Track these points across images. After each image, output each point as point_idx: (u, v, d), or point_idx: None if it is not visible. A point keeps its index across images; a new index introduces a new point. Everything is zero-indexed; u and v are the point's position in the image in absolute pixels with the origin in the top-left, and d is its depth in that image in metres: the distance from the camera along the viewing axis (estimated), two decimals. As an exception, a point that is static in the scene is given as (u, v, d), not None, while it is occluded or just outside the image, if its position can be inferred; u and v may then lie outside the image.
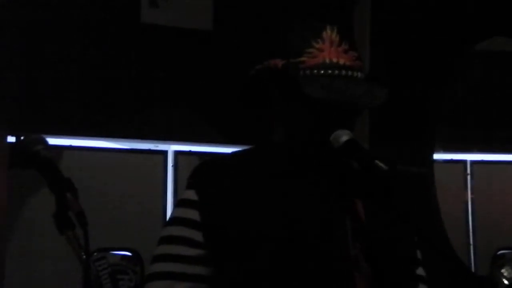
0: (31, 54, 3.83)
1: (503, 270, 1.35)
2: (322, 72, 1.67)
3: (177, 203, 1.74)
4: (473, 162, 4.94)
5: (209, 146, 4.28)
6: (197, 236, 1.64)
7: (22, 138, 1.64)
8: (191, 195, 1.68)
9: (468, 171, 4.92)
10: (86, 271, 1.52)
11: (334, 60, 1.68)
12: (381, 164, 1.57)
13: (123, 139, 4.18)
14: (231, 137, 4.07)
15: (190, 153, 4.28)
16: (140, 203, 4.06)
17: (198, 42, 4.17)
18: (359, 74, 1.70)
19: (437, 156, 4.62)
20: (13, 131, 3.66)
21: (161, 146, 4.26)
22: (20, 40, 3.78)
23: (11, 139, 3.67)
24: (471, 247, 4.73)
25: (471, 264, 4.68)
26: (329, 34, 1.70)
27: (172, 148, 4.26)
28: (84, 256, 1.50)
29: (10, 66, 3.73)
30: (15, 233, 3.85)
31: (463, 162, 4.94)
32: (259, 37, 3.59)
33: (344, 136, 1.63)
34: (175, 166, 4.22)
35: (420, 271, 1.78)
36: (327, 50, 1.69)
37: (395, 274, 1.67)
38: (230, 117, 3.83)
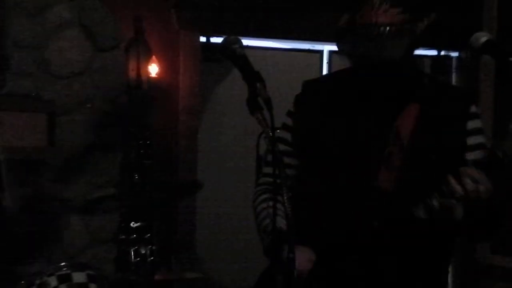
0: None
1: None
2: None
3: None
4: None
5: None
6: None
7: (223, 39, 1.96)
8: (289, 122, 2.16)
9: None
10: (272, 146, 1.85)
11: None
12: None
13: (285, 40, 4.73)
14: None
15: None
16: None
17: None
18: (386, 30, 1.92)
19: None
20: (203, 32, 4.38)
21: (317, 47, 4.81)
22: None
23: (202, 39, 4.43)
24: None
25: None
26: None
27: (326, 48, 4.81)
28: (271, 134, 1.75)
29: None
30: (207, 111, 4.60)
31: None
32: None
33: (484, 36, 1.88)
34: (329, 63, 4.78)
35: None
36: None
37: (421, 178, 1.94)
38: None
